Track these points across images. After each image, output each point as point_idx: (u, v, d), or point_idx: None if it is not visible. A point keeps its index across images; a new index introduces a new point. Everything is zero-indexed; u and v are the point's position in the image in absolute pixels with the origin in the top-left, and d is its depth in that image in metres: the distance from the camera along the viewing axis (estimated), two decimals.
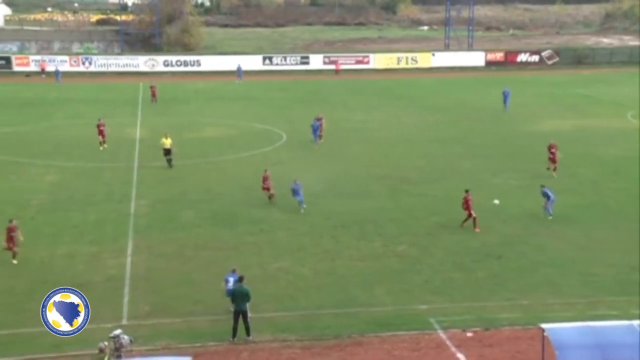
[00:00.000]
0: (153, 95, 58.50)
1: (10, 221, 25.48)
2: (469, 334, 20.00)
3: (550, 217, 29.45)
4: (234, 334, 19.55)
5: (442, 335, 19.97)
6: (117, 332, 16.74)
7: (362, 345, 19.47)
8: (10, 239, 24.97)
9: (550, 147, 36.15)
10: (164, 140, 37.83)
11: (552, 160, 35.85)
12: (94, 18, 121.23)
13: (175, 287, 23.06)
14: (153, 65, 79.37)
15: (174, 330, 20.19)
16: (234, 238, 27.50)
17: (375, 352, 19.14)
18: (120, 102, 59.90)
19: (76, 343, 18.73)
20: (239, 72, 72.20)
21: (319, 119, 43.48)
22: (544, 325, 16.23)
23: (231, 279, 20.67)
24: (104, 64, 79.21)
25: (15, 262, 24.85)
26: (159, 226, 28.84)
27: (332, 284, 23.31)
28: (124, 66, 79.25)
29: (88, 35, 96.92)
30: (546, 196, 29.78)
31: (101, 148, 41.88)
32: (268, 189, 31.85)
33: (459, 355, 18.91)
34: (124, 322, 20.52)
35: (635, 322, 15.98)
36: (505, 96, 54.66)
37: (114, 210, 30.86)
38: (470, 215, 28.19)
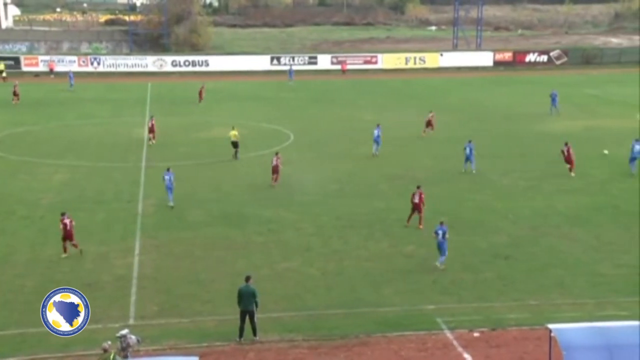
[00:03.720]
0: (200, 95, 59.01)
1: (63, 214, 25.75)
2: (476, 335, 19.95)
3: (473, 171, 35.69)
4: (241, 334, 19.56)
5: (449, 335, 19.93)
6: (124, 331, 16.75)
7: (369, 345, 19.44)
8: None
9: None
10: (231, 132, 40.01)
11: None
12: (103, 18, 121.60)
13: (183, 287, 23.10)
14: (161, 66, 79.57)
15: (181, 330, 20.22)
16: (242, 238, 27.53)
17: (382, 352, 19.11)
18: (129, 102, 60.12)
19: (84, 343, 18.81)
20: (290, 73, 72.65)
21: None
22: (551, 326, 16.15)
23: (440, 232, 24.13)
24: (113, 64, 79.47)
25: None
26: (167, 226, 28.90)
27: (340, 284, 23.30)
28: (132, 66, 79.49)
29: (97, 36, 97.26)
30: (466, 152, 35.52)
31: (150, 143, 43.21)
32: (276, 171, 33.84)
33: (466, 355, 18.86)
34: (131, 321, 20.56)
35: None
36: (553, 98, 53.89)
37: (123, 210, 30.94)
38: (419, 211, 28.40)
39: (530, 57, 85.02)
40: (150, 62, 79.86)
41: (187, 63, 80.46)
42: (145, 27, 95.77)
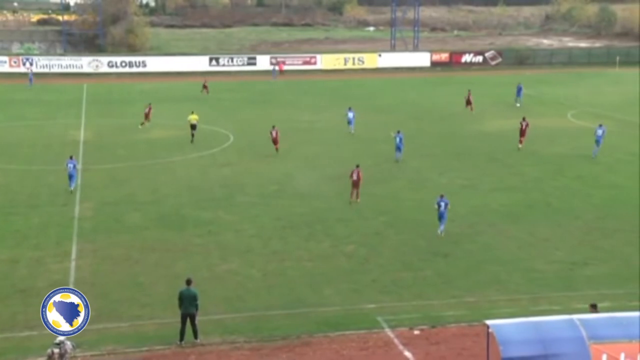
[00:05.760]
0: (205, 87, 63.27)
1: None
2: (416, 332, 20.23)
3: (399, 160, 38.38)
4: (182, 337, 19.38)
5: (390, 333, 20.15)
6: (61, 338, 16.39)
7: (311, 345, 19.51)
8: None
9: None
10: (190, 116, 43.74)
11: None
12: (35, 18, 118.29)
13: (121, 291, 22.74)
14: (97, 67, 78.08)
15: (121, 335, 19.90)
16: (181, 240, 27.25)
17: (324, 352, 19.20)
18: (64, 104, 58.78)
19: (18, 350, 18.37)
20: (273, 73, 74.98)
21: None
22: (488, 322, 16.50)
23: (442, 204, 26.96)
24: (46, 65, 77.54)
25: None
26: (105, 229, 28.39)
27: (281, 285, 23.31)
28: (67, 67, 77.76)
29: (29, 36, 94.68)
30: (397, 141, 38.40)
31: (140, 127, 47.31)
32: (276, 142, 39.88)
33: (407, 353, 19.11)
34: None
35: (575, 317, 16.38)
36: (518, 90, 57.79)
37: (58, 214, 30.26)
38: (357, 187, 31.57)
39: (466, 58, 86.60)
40: (85, 63, 78.24)
41: (123, 64, 79.14)
42: (79, 27, 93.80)
